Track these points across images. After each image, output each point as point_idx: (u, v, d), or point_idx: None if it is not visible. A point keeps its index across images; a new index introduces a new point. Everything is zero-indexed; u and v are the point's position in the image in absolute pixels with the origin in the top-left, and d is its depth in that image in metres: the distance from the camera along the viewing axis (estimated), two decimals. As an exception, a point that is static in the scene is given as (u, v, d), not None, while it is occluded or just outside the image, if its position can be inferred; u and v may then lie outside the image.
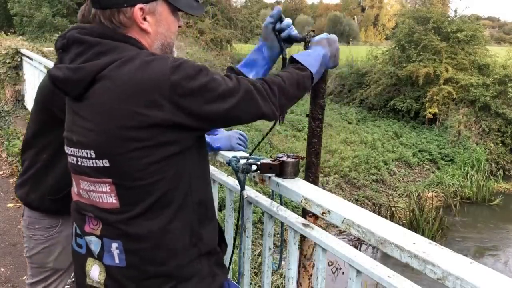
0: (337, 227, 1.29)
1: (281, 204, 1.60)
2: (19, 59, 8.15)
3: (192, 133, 1.15)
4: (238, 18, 16.69)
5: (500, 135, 12.40)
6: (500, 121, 12.35)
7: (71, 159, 1.19)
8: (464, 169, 11.13)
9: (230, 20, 16.75)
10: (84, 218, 1.21)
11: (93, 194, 1.16)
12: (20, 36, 11.76)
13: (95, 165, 1.12)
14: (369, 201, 9.15)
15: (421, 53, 13.14)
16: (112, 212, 1.13)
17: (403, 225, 7.70)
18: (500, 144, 12.32)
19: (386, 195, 9.62)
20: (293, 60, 1.37)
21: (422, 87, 13.07)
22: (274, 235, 1.66)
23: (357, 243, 6.94)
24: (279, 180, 1.49)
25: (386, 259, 4.65)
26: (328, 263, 6.45)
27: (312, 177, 1.55)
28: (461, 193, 10.29)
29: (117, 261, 1.15)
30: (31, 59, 7.13)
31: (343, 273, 6.13)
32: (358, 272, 1.26)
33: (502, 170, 11.80)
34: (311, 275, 1.41)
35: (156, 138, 1.07)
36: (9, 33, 11.60)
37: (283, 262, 1.70)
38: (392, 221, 1.25)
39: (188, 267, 1.16)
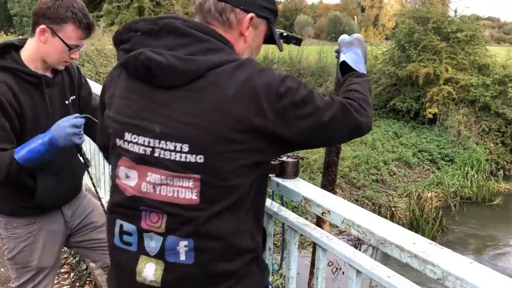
0: (337, 227, 1.29)
1: (282, 204, 1.60)
2: (19, 59, 8.15)
3: (284, 147, 1.17)
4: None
5: (500, 135, 12.41)
6: (500, 121, 12.36)
7: (140, 149, 1.13)
8: (464, 169, 11.15)
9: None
10: (139, 214, 1.16)
11: (167, 188, 1.12)
12: (20, 36, 11.77)
13: (184, 160, 1.09)
14: (369, 201, 9.15)
15: (421, 53, 13.15)
16: (188, 209, 1.11)
17: (403, 225, 7.71)
18: (500, 144, 12.33)
19: (386, 195, 9.63)
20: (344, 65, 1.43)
21: (422, 87, 13.07)
22: (274, 235, 1.66)
23: (357, 243, 6.94)
24: (279, 180, 1.49)
25: (387, 259, 4.65)
26: (328, 263, 6.45)
27: (332, 176, 1.54)
28: (461, 193, 10.30)
29: (182, 258, 1.14)
30: (31, 59, 7.13)
31: (343, 273, 6.14)
32: (358, 272, 1.26)
33: (502, 170, 11.81)
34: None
35: (253, 143, 1.10)
36: (9, 33, 11.60)
37: (283, 262, 1.70)
38: (392, 221, 1.26)
39: (248, 266, 1.20)
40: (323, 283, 1.41)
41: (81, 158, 1.96)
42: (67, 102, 1.85)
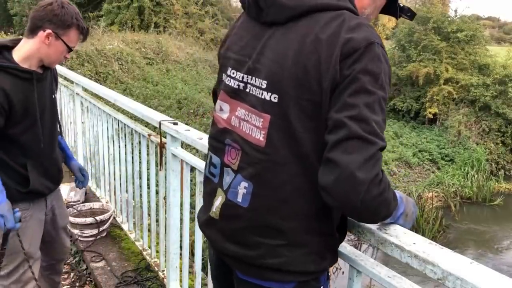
0: (337, 227, 1.28)
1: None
2: (19, 59, 8.13)
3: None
4: (238, 18, 16.71)
5: (500, 135, 12.42)
6: (500, 121, 12.36)
7: (235, 84, 1.17)
8: (464, 169, 11.15)
9: (230, 20, 16.76)
10: (224, 148, 1.19)
11: (246, 124, 1.13)
12: (20, 36, 11.76)
13: (261, 97, 1.09)
14: (369, 201, 9.14)
15: (421, 53, 13.16)
16: (256, 149, 1.10)
17: (403, 225, 7.69)
18: (500, 144, 12.34)
19: (386, 195, 9.63)
20: None
21: (422, 87, 13.07)
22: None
23: (357, 243, 6.94)
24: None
25: (387, 259, 4.65)
26: (328, 263, 6.43)
27: None
28: (461, 193, 10.29)
29: (239, 199, 1.13)
30: (31, 59, 7.13)
31: (343, 273, 6.14)
32: (358, 272, 1.26)
33: (502, 170, 11.81)
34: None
35: (324, 97, 1.02)
36: (9, 33, 11.60)
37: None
38: (392, 221, 1.25)
39: (302, 234, 1.11)
40: (323, 283, 1.41)
41: None
42: (53, 96, 2.03)
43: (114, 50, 10.71)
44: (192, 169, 2.20)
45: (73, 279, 2.89)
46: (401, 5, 1.33)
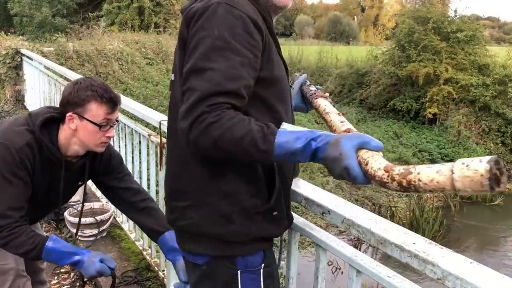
0: (337, 227, 1.28)
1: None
2: (19, 59, 8.14)
3: None
4: (238, 18, 16.71)
5: (500, 135, 12.40)
6: (500, 121, 12.35)
7: None
8: (464, 169, 11.12)
9: (230, 20, 16.76)
10: None
11: None
12: (20, 36, 11.76)
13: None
14: (369, 201, 9.15)
15: (421, 53, 13.14)
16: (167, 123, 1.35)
17: (403, 225, 7.70)
18: (500, 144, 12.32)
19: (386, 195, 9.62)
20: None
21: (422, 87, 13.06)
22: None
23: (357, 243, 6.94)
24: (279, 180, 1.49)
25: (387, 259, 4.64)
26: (328, 263, 6.44)
27: None
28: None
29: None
30: (31, 59, 7.14)
31: (342, 273, 6.13)
32: (358, 272, 1.26)
33: (502, 170, 11.80)
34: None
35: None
36: (9, 33, 11.60)
37: (282, 262, 1.70)
38: (392, 221, 1.25)
39: (203, 195, 1.17)
40: (323, 283, 1.41)
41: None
42: (80, 183, 1.90)
43: (114, 50, 10.70)
44: (192, 169, 2.20)
45: (73, 279, 2.89)
46: None
